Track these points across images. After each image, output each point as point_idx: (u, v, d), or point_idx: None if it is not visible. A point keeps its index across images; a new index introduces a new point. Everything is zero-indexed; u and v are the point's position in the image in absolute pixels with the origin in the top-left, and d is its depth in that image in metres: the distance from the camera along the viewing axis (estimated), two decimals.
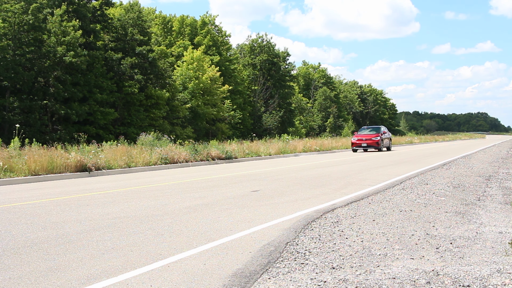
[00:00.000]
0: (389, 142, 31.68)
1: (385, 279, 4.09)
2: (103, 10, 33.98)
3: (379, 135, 29.52)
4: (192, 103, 38.19)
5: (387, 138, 31.12)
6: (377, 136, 29.20)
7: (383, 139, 29.75)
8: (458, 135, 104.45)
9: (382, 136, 29.71)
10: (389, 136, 31.75)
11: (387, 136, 30.98)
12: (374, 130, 31.35)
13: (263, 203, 8.15)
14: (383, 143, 29.76)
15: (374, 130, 31.17)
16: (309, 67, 76.95)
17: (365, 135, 29.82)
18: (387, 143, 31.07)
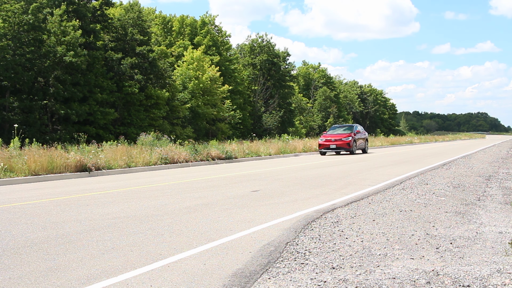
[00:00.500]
0: (365, 144, 27.60)
1: (385, 279, 4.09)
2: (103, 10, 33.99)
3: (351, 135, 25.50)
4: (192, 103, 38.18)
5: (362, 138, 27.04)
6: (348, 137, 25.15)
7: (356, 139, 25.77)
8: (458, 135, 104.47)
9: (355, 136, 25.73)
10: (364, 136, 27.64)
11: (361, 136, 26.91)
12: (346, 129, 27.09)
13: (263, 203, 8.15)
14: (356, 144, 25.82)
15: (346, 129, 26.89)
16: (309, 67, 76.95)
17: (334, 135, 25.67)
18: (362, 144, 27.06)
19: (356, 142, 25.68)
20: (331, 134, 26.13)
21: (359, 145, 26.55)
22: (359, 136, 26.55)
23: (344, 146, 24.78)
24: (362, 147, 27.01)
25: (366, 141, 27.74)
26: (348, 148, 24.85)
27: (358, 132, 26.35)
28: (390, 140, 49.78)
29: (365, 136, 27.91)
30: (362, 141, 27.07)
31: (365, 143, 27.57)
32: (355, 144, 25.46)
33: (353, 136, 25.47)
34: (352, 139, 25.21)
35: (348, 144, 24.82)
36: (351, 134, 25.51)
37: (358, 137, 26.34)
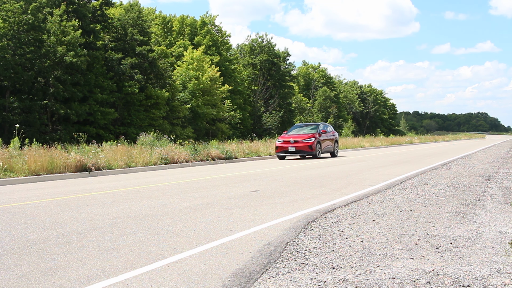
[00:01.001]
0: (334, 146, 23.77)
1: (385, 279, 4.08)
2: (103, 10, 34.00)
3: (314, 135, 21.89)
4: (192, 103, 38.19)
5: (330, 139, 23.33)
6: (310, 137, 21.56)
7: (321, 141, 22.23)
8: (458, 135, 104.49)
9: (320, 137, 22.23)
10: (333, 137, 23.86)
11: (328, 137, 23.24)
12: (310, 128, 23.38)
13: (263, 203, 8.15)
14: (320, 146, 22.23)
15: (310, 129, 23.24)
16: (309, 67, 76.97)
17: (294, 136, 22.09)
18: (330, 146, 23.36)
19: (321, 144, 22.23)
20: (291, 135, 22.47)
21: (326, 148, 22.98)
22: (326, 136, 22.99)
23: (305, 149, 21.28)
24: (329, 149, 23.41)
25: (335, 143, 23.98)
26: (309, 151, 21.36)
27: (323, 133, 22.81)
28: (390, 140, 49.79)
29: (334, 137, 24.12)
30: (330, 142, 23.40)
31: (334, 145, 23.83)
32: (319, 146, 22.01)
33: (317, 136, 21.95)
34: (316, 140, 21.70)
35: (310, 147, 21.29)
36: (314, 135, 21.92)
37: (324, 138, 22.77)
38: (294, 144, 21.40)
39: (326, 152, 23.17)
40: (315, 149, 21.52)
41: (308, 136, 21.79)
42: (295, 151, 21.36)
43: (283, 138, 22.21)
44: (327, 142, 23.05)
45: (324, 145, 22.69)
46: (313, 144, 21.47)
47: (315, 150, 21.52)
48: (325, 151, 22.93)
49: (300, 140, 21.52)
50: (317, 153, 21.84)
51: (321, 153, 22.40)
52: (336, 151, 24.11)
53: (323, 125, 23.62)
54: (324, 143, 22.66)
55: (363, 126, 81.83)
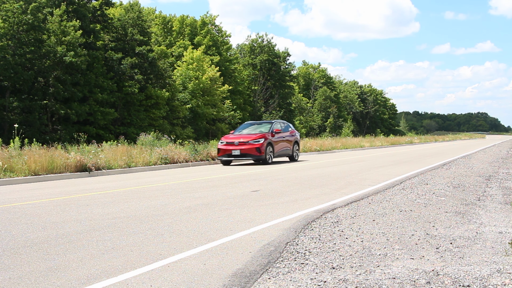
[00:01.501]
0: (293, 148, 19.97)
1: (385, 279, 4.08)
2: (103, 10, 34.01)
3: (265, 135, 18.17)
4: (192, 103, 38.19)
5: (287, 140, 19.60)
6: (259, 138, 17.90)
7: (274, 142, 18.53)
8: (458, 135, 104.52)
9: (273, 138, 18.60)
10: (292, 137, 20.08)
11: (285, 138, 19.54)
12: (261, 127, 19.65)
13: (263, 203, 8.15)
14: (273, 149, 18.47)
15: (262, 127, 19.49)
16: (309, 67, 76.99)
17: (241, 136, 18.48)
18: (287, 149, 19.61)
19: (273, 146, 18.47)
20: (237, 135, 18.89)
21: (281, 150, 19.21)
22: (281, 137, 19.23)
23: (251, 152, 17.63)
24: (286, 152, 19.66)
25: (295, 145, 20.17)
26: (257, 155, 17.72)
27: (277, 132, 19.05)
28: (390, 140, 49.79)
29: (294, 137, 20.26)
30: (287, 144, 19.63)
31: (293, 147, 20.01)
32: (271, 149, 18.30)
33: (268, 137, 18.26)
34: (265, 141, 17.94)
35: (257, 149, 17.62)
36: (265, 135, 18.20)
37: (279, 139, 19.03)
38: (238, 146, 17.74)
39: (281, 155, 19.43)
40: (264, 152, 17.74)
41: (256, 137, 18.02)
42: (240, 155, 17.72)
43: (226, 138, 18.45)
44: (283, 144, 19.27)
45: (279, 148, 18.94)
46: (261, 146, 17.70)
47: (264, 153, 17.75)
48: (280, 154, 19.16)
49: (246, 142, 17.81)
50: (268, 157, 18.11)
51: (273, 157, 18.66)
52: (296, 154, 20.27)
53: (278, 123, 19.96)
54: (278, 144, 18.89)
55: (363, 126, 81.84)
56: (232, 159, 18.09)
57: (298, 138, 20.98)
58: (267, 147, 17.99)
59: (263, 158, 17.94)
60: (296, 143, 20.48)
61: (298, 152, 20.84)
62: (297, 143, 20.63)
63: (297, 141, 20.68)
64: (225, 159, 18.23)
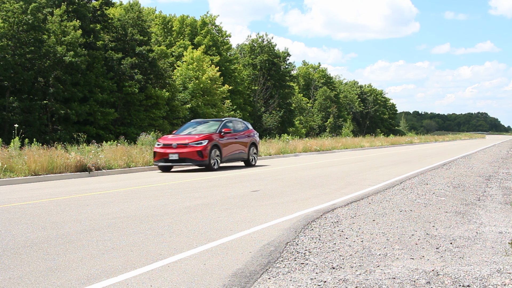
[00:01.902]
0: (250, 151, 17.14)
1: (385, 279, 4.09)
2: (103, 10, 34.00)
3: (210, 136, 15.36)
4: (192, 103, 38.20)
5: (240, 142, 16.77)
6: (202, 140, 15.05)
7: (222, 144, 15.74)
8: (458, 135, 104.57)
9: (222, 139, 15.81)
10: (248, 139, 17.25)
11: (239, 139, 16.73)
12: (207, 126, 16.74)
13: (263, 203, 8.15)
14: (221, 152, 15.60)
15: (208, 126, 16.60)
16: (309, 67, 77.00)
17: (181, 137, 15.71)
18: (241, 152, 16.75)
19: (221, 148, 15.60)
20: (177, 136, 16.08)
21: (233, 154, 16.35)
22: (232, 138, 16.35)
23: (191, 156, 14.82)
24: (239, 156, 16.77)
25: (251, 147, 17.32)
26: (199, 160, 14.88)
27: (227, 132, 16.14)
28: (390, 140, 49.80)
29: (251, 139, 17.37)
30: (241, 147, 16.76)
31: (250, 150, 17.15)
32: (217, 152, 15.44)
33: (214, 138, 15.42)
34: (210, 143, 15.11)
35: (199, 153, 14.81)
36: (210, 135, 15.40)
37: (230, 140, 16.19)
38: (177, 149, 14.99)
39: (233, 160, 16.64)
40: (207, 156, 14.90)
41: (200, 138, 15.21)
42: (178, 160, 14.92)
43: (164, 140, 15.71)
44: (235, 146, 16.44)
45: (229, 151, 16.11)
46: (204, 150, 14.86)
47: (207, 158, 14.92)
48: (231, 158, 16.40)
49: (187, 144, 15.04)
50: (213, 162, 15.24)
51: (221, 162, 15.79)
52: (253, 158, 17.41)
53: (230, 121, 17.10)
54: (228, 147, 16.04)
55: (363, 126, 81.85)
56: (170, 164, 15.24)
57: (257, 139, 17.94)
58: (211, 150, 15.12)
59: (206, 164, 15.03)
60: (254, 145, 17.53)
61: (257, 156, 17.90)
62: (255, 145, 17.66)
63: (255, 142, 17.67)
64: (162, 165, 15.32)
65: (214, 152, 15.31)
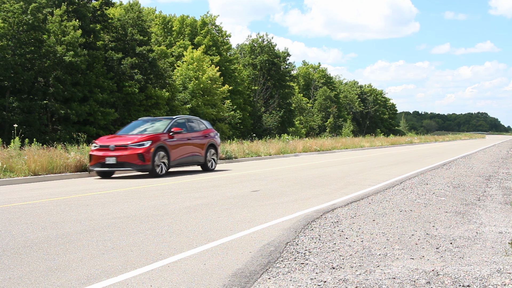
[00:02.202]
0: (207, 154, 15.07)
1: (385, 279, 4.09)
2: (103, 10, 34.00)
3: (157, 136, 13.38)
4: (192, 103, 38.20)
5: (195, 144, 14.65)
6: (146, 140, 13.00)
7: (171, 146, 13.62)
8: (458, 135, 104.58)
9: (171, 140, 13.68)
10: (206, 140, 15.16)
11: (193, 140, 14.62)
12: (155, 125, 14.48)
13: (263, 203, 8.15)
14: (168, 155, 13.48)
15: (155, 126, 14.39)
16: (309, 67, 77.02)
17: (122, 138, 13.64)
18: (196, 155, 14.68)
19: (169, 151, 13.47)
20: (118, 136, 13.97)
21: (184, 157, 14.18)
22: (185, 138, 14.29)
23: (132, 160, 12.82)
24: (194, 160, 14.69)
25: (209, 149, 15.27)
26: (141, 164, 12.88)
27: (178, 132, 14.00)
28: (390, 140, 49.80)
29: (208, 139, 15.29)
30: (196, 149, 14.67)
31: (207, 153, 15.07)
32: (164, 155, 13.32)
33: (161, 138, 13.39)
34: (154, 144, 13.03)
35: (140, 157, 12.80)
36: (156, 136, 13.37)
37: (181, 142, 14.09)
38: (114, 151, 12.91)
39: (186, 163, 14.52)
40: (150, 160, 12.83)
41: (143, 138, 13.16)
42: (116, 164, 12.86)
43: (101, 141, 13.66)
44: (187, 148, 14.32)
45: (181, 153, 14.00)
46: (146, 152, 12.80)
47: (150, 161, 12.84)
48: (183, 162, 14.25)
49: (126, 145, 12.97)
50: (159, 167, 13.14)
51: (170, 166, 13.65)
52: (212, 162, 15.39)
53: (182, 119, 14.93)
54: (179, 149, 13.92)
55: (363, 126, 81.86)
56: (107, 170, 13.13)
57: (217, 140, 15.88)
58: (156, 152, 13.01)
59: (149, 169, 12.95)
60: (213, 147, 15.47)
61: (216, 158, 15.76)
62: (214, 147, 15.57)
63: (214, 144, 15.59)
64: (98, 170, 13.24)
65: (160, 155, 13.20)
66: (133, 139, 13.20)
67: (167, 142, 13.58)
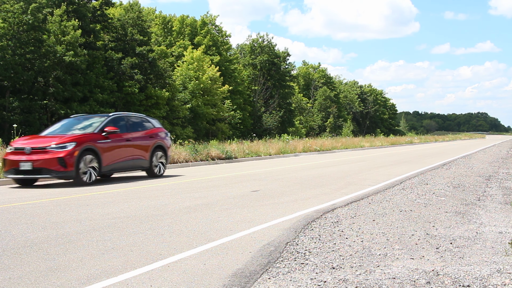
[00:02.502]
0: (152, 157, 13.06)
1: (385, 279, 4.08)
2: (103, 10, 34.02)
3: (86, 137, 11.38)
4: (192, 103, 38.21)
5: (137, 146, 12.64)
6: (68, 142, 10.96)
7: (103, 149, 11.52)
8: (458, 135, 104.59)
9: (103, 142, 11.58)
10: (151, 141, 13.11)
11: (136, 142, 12.64)
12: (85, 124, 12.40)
13: (263, 203, 8.15)
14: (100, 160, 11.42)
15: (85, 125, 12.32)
16: (309, 67, 77.04)
17: (41, 139, 11.44)
18: (140, 159, 12.68)
19: (100, 154, 11.38)
20: (40, 137, 11.85)
21: (121, 162, 12.09)
22: (123, 140, 12.19)
23: (50, 165, 10.74)
24: (136, 164, 12.61)
25: (156, 152, 13.21)
26: (61, 171, 10.80)
27: (112, 132, 11.85)
28: (390, 140, 49.80)
29: (154, 141, 13.20)
30: (138, 152, 12.63)
31: (152, 156, 13.04)
32: (94, 159, 11.31)
33: (90, 140, 11.36)
34: (79, 147, 11.00)
35: (61, 162, 10.74)
36: (82, 137, 11.32)
37: (118, 143, 11.98)
38: (31, 155, 10.83)
39: (125, 169, 12.48)
40: (73, 165, 10.80)
41: (65, 139, 11.09)
42: (32, 171, 10.80)
43: (18, 142, 11.52)
44: (127, 151, 12.26)
45: (117, 157, 11.94)
46: (68, 157, 10.78)
47: (73, 167, 10.81)
48: (120, 167, 12.21)
49: (45, 148, 10.93)
50: (86, 175, 11.14)
51: (101, 173, 11.59)
52: (159, 167, 13.38)
53: (120, 117, 12.78)
54: (114, 152, 11.84)
55: (363, 126, 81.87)
56: (22, 177, 11.04)
57: (166, 141, 13.79)
58: (82, 156, 10.99)
59: (72, 176, 10.94)
60: (161, 149, 13.44)
61: (166, 162, 13.67)
62: (163, 149, 13.52)
63: (163, 146, 13.53)
64: (12, 177, 11.25)
65: (87, 159, 11.13)
66: (54, 141, 11.05)
67: (98, 144, 11.41)
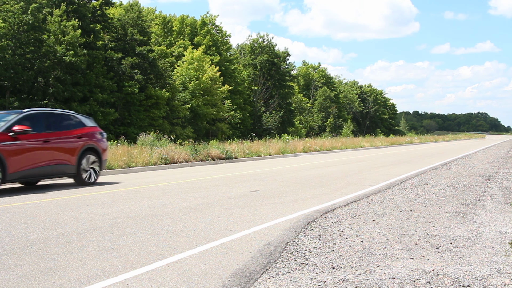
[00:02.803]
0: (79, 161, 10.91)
1: (385, 279, 4.08)
2: (103, 10, 34.01)
3: None
4: (192, 103, 38.20)
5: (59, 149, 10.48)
6: None
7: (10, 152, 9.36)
8: (458, 135, 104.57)
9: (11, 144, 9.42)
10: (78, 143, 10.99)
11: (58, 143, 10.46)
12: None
13: (263, 203, 8.15)
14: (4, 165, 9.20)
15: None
16: (309, 67, 77.00)
17: None
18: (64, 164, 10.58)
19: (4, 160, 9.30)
20: None
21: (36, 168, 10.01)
22: (38, 141, 10.13)
23: None
24: (58, 170, 10.58)
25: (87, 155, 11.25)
26: None
27: (24, 131, 9.77)
28: (390, 140, 49.79)
29: (84, 142, 11.20)
30: (61, 155, 10.59)
31: (80, 160, 11.02)
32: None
33: None
34: None
35: None
36: None
37: (31, 145, 9.93)
38: None
39: (42, 175, 10.44)
40: None
41: None
42: None
43: None
44: (45, 154, 10.22)
45: (30, 162, 9.89)
46: None
47: None
48: (35, 174, 10.18)
49: None
50: None
51: (6, 181, 9.51)
52: (90, 173, 11.37)
53: (35, 113, 10.64)
54: (26, 156, 9.84)
55: (363, 126, 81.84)
56: None
57: (100, 143, 11.84)
58: None
59: None
60: (93, 152, 11.47)
61: (99, 168, 11.74)
62: (95, 151, 11.56)
63: (95, 148, 11.57)
64: None
65: None
66: None
67: (2, 147, 9.36)
